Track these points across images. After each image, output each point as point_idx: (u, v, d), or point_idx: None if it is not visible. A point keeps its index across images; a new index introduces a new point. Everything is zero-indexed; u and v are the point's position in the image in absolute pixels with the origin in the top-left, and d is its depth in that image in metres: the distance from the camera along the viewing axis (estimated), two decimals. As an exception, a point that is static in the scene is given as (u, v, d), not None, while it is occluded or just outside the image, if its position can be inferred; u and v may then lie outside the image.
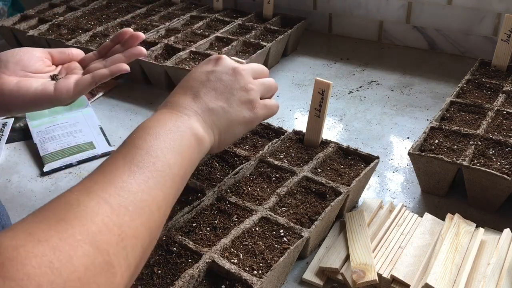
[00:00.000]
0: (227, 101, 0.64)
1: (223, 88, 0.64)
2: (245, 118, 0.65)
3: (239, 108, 0.65)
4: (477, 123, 0.90)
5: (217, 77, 0.65)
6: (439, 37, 1.32)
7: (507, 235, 0.71)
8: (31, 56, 0.74)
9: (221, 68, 0.66)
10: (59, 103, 0.71)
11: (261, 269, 0.64)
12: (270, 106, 0.70)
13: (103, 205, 0.45)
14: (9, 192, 0.91)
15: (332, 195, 0.75)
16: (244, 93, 0.65)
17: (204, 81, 0.64)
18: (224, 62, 0.67)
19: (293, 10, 1.48)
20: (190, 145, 0.57)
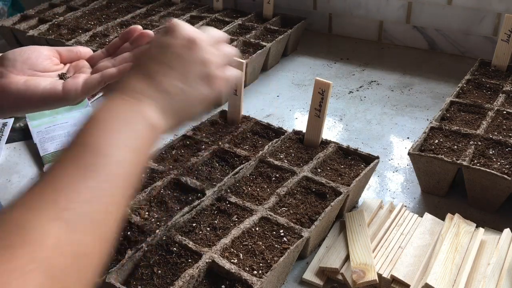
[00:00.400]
0: (184, 79, 0.57)
1: (180, 65, 0.57)
2: (204, 95, 0.59)
3: (198, 86, 0.58)
4: (477, 123, 0.90)
5: (173, 52, 0.57)
6: (439, 37, 1.32)
7: (507, 235, 0.71)
8: (39, 55, 0.72)
9: (176, 40, 0.58)
10: (67, 103, 0.70)
11: (261, 269, 0.64)
12: (230, 78, 0.62)
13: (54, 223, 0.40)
14: (9, 192, 0.91)
15: (332, 195, 0.75)
16: (201, 67, 0.58)
17: (158, 57, 0.58)
18: (179, 31, 0.59)
19: (293, 10, 1.48)
20: (144, 136, 0.52)
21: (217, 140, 0.88)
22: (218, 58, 0.60)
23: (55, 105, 0.70)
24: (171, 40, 0.58)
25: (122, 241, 0.68)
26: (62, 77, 0.72)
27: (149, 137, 0.53)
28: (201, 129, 0.92)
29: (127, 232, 0.69)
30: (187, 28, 0.59)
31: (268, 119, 1.08)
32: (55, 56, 0.74)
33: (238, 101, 0.92)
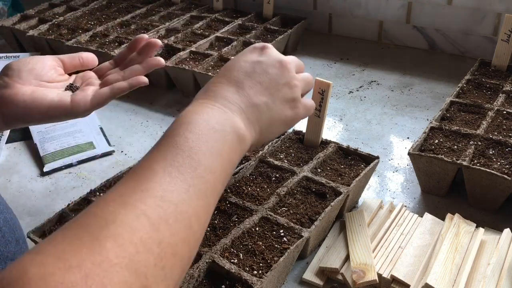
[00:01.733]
0: (271, 97, 0.58)
1: (269, 82, 0.58)
2: (286, 117, 0.60)
3: (282, 106, 0.59)
4: (477, 123, 0.90)
5: (263, 69, 0.59)
6: (439, 37, 1.32)
7: (507, 235, 0.71)
8: (43, 65, 0.70)
9: (267, 59, 0.60)
10: (75, 116, 0.68)
11: (261, 269, 0.64)
12: (310, 107, 0.64)
13: (141, 220, 0.40)
14: (9, 192, 0.91)
15: (332, 195, 0.75)
16: (288, 90, 0.60)
17: (250, 72, 0.58)
18: (270, 52, 0.61)
19: (293, 10, 1.48)
20: (232, 146, 0.52)
21: (217, 140, 0.88)
22: (300, 83, 0.62)
23: (62, 118, 0.68)
24: (262, 57, 0.60)
25: (122, 241, 0.68)
26: (71, 88, 0.70)
27: (236, 147, 0.53)
28: (201, 129, 0.92)
29: (127, 232, 0.69)
30: (276, 51, 0.62)
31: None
32: (58, 65, 0.73)
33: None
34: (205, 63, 1.16)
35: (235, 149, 0.53)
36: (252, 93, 0.57)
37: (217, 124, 0.51)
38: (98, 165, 0.98)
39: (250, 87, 0.57)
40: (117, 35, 1.32)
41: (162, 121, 1.11)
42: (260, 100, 0.57)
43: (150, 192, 0.42)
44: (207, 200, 0.47)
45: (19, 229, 0.69)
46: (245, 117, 0.55)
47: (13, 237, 0.65)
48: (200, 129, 0.50)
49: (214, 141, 0.50)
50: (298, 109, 0.61)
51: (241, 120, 0.54)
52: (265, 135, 0.59)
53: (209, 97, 0.55)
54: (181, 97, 1.19)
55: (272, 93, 0.58)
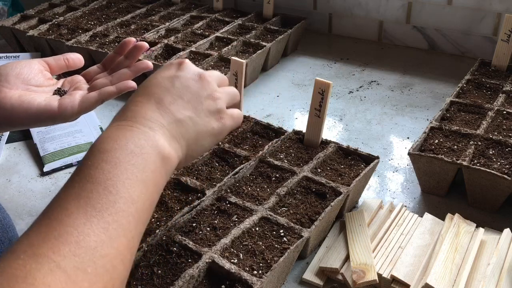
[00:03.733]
0: (195, 111, 0.57)
1: (190, 96, 0.57)
2: (213, 129, 0.59)
3: (207, 119, 0.58)
4: (477, 123, 0.90)
5: (182, 84, 0.57)
6: (439, 37, 1.32)
7: (507, 235, 0.71)
8: (30, 69, 0.70)
9: (186, 73, 0.59)
10: (62, 120, 0.67)
11: (261, 269, 0.64)
12: (237, 116, 0.63)
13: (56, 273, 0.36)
14: (9, 192, 0.91)
15: (332, 195, 0.75)
16: (211, 102, 0.59)
17: (169, 88, 0.56)
18: (188, 66, 0.60)
19: (293, 10, 1.48)
20: (156, 168, 0.49)
21: (217, 140, 0.88)
22: (224, 95, 0.61)
23: (49, 122, 0.68)
24: (180, 72, 0.58)
25: (122, 241, 0.68)
26: (59, 93, 0.70)
27: (160, 168, 0.50)
28: (201, 129, 0.92)
29: (127, 232, 0.69)
30: (194, 65, 0.61)
31: (268, 119, 1.08)
32: (45, 68, 0.72)
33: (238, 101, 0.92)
34: (205, 63, 1.16)
35: (159, 171, 0.50)
36: (174, 108, 0.55)
37: (137, 147, 0.48)
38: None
39: (171, 103, 0.55)
40: (117, 35, 1.32)
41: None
42: (183, 114, 0.55)
43: (63, 238, 0.39)
44: (131, 235, 0.43)
45: (12, 229, 0.69)
46: (169, 135, 0.53)
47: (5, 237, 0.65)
48: (116, 157, 0.46)
49: (134, 167, 0.46)
50: (224, 119, 0.60)
51: (164, 139, 0.52)
52: (193, 149, 0.57)
53: (127, 118, 0.52)
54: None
55: (195, 106, 0.57)
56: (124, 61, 0.73)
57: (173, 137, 0.53)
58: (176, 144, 0.54)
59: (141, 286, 0.63)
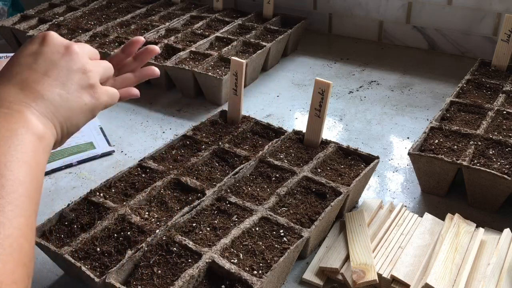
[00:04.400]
0: (64, 87, 0.53)
1: (57, 72, 0.53)
2: (87, 105, 0.55)
3: (79, 94, 0.54)
4: (477, 123, 0.90)
5: (47, 59, 0.53)
6: (439, 37, 1.32)
7: (507, 235, 0.71)
8: None
9: (50, 47, 0.54)
10: None
11: (261, 269, 0.64)
12: (113, 93, 0.61)
13: None
14: (9, 192, 0.91)
15: (332, 195, 0.75)
16: (82, 76, 0.55)
17: (31, 65, 0.53)
18: (53, 39, 0.55)
19: (293, 10, 1.48)
20: (34, 147, 0.48)
21: (217, 140, 0.88)
22: (96, 69, 0.57)
23: None
24: (43, 48, 0.54)
25: (122, 241, 0.68)
26: None
27: (37, 148, 0.49)
28: (201, 129, 0.92)
29: (127, 232, 0.69)
30: (59, 37, 0.56)
31: (268, 119, 1.08)
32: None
33: (238, 101, 0.92)
34: (205, 63, 1.16)
35: (38, 149, 0.49)
36: (40, 87, 0.52)
37: (9, 130, 0.47)
38: (98, 165, 0.98)
39: (35, 81, 0.52)
40: (117, 35, 1.32)
41: (162, 121, 1.11)
42: (50, 92, 0.52)
43: None
44: (27, 214, 0.44)
45: None
46: (38, 114, 0.51)
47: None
48: None
49: (13, 150, 0.46)
50: (98, 94, 0.57)
51: (34, 118, 0.50)
52: (68, 127, 0.55)
53: None
54: (181, 97, 1.19)
55: (64, 82, 0.53)
56: (131, 63, 0.70)
57: (44, 116, 0.51)
58: (48, 123, 0.51)
59: (141, 286, 0.63)
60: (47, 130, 0.51)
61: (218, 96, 1.13)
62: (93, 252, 0.67)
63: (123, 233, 0.69)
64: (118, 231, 0.70)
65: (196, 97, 1.18)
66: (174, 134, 1.04)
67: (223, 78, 1.08)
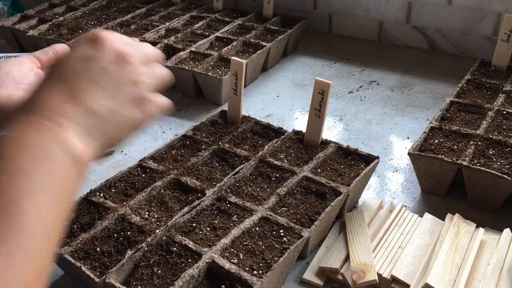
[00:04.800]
0: (113, 99, 0.49)
1: (109, 81, 0.49)
2: (135, 120, 0.51)
3: (127, 107, 0.50)
4: (477, 123, 0.90)
5: (100, 66, 0.49)
6: (439, 37, 1.32)
7: (507, 235, 0.71)
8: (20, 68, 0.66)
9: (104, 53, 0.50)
10: None
11: (261, 269, 0.64)
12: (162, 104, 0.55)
13: None
14: (9, 192, 0.91)
15: (332, 195, 0.75)
16: (134, 88, 0.51)
17: (83, 72, 0.49)
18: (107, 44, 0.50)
19: (293, 10, 1.48)
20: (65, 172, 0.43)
21: (217, 140, 0.88)
22: (149, 79, 0.52)
23: None
24: (97, 52, 0.50)
25: (122, 241, 0.68)
26: None
27: (72, 173, 0.44)
28: (201, 129, 0.92)
29: (127, 232, 0.69)
30: (117, 41, 0.51)
31: (268, 119, 1.08)
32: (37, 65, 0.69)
33: (238, 101, 0.92)
34: (205, 63, 1.16)
35: (70, 174, 0.43)
36: (88, 97, 0.47)
37: (43, 150, 0.42)
38: (98, 165, 0.98)
39: (85, 91, 0.47)
40: (117, 35, 1.32)
41: (162, 121, 1.11)
42: (98, 104, 0.48)
43: None
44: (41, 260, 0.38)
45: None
46: (82, 129, 0.46)
47: None
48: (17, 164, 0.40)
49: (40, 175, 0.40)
50: (148, 108, 0.52)
51: (75, 135, 0.45)
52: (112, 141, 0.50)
53: (33, 110, 0.45)
54: (181, 97, 1.19)
55: (114, 94, 0.49)
56: None
57: (87, 132, 0.47)
58: (90, 140, 0.47)
59: (141, 286, 0.63)
60: (87, 150, 0.46)
61: (218, 96, 1.13)
62: (93, 252, 0.67)
63: (123, 233, 0.69)
64: (118, 231, 0.70)
65: (196, 97, 1.18)
66: (174, 134, 1.04)
67: (223, 78, 1.08)
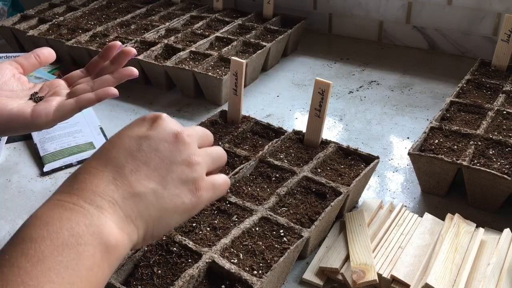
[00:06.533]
0: (162, 181, 0.45)
1: (159, 162, 0.46)
2: (185, 204, 0.46)
3: (177, 191, 0.46)
4: (477, 123, 0.90)
5: (152, 146, 0.46)
6: (439, 37, 1.32)
7: (507, 235, 0.71)
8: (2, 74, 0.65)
9: (158, 133, 0.47)
10: (36, 128, 0.61)
11: (261, 269, 0.64)
12: (219, 186, 0.50)
13: None
14: (9, 192, 0.91)
15: (332, 195, 0.75)
16: (186, 169, 0.47)
17: (133, 151, 0.46)
18: (163, 124, 0.48)
19: (293, 10, 1.48)
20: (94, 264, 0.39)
21: (217, 140, 0.88)
22: (204, 159, 0.49)
23: (22, 130, 0.62)
24: (152, 131, 0.47)
25: (122, 241, 0.68)
26: (34, 98, 0.65)
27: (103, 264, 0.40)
28: (201, 129, 0.92)
29: (127, 232, 0.69)
30: (172, 121, 0.49)
31: (268, 119, 1.08)
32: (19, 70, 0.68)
33: (238, 101, 0.92)
34: (205, 63, 1.16)
35: (99, 266, 0.39)
36: (134, 179, 0.44)
37: (72, 236, 0.38)
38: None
39: (132, 171, 0.44)
40: (117, 35, 1.32)
41: (162, 121, 1.11)
42: (145, 187, 0.44)
43: None
44: None
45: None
46: (122, 215, 0.43)
47: None
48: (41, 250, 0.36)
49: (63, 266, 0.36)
50: (201, 191, 0.48)
51: (113, 221, 0.42)
52: (156, 229, 0.46)
53: (72, 190, 0.43)
54: (181, 97, 1.19)
55: (163, 175, 0.45)
56: (109, 67, 0.68)
57: (128, 217, 0.43)
58: (130, 226, 0.43)
59: (141, 286, 0.63)
60: (124, 237, 0.42)
61: (218, 96, 1.13)
62: (93, 252, 0.67)
63: (123, 233, 0.69)
64: None
65: (196, 97, 1.18)
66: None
67: (223, 78, 1.08)
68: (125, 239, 0.42)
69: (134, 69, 0.67)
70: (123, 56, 0.67)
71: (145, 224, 0.44)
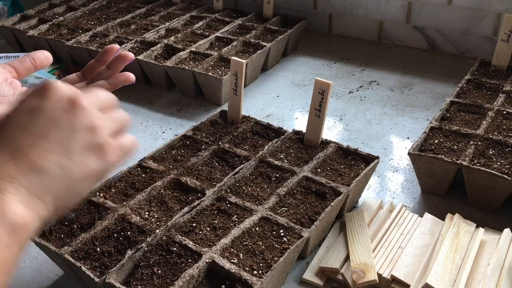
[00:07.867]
0: (64, 152, 0.44)
1: (58, 133, 0.44)
2: (93, 170, 0.45)
3: (83, 159, 0.44)
4: (477, 123, 0.90)
5: (48, 117, 0.44)
6: (439, 37, 1.32)
7: (507, 235, 0.71)
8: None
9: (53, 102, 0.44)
10: None
11: (261, 269, 0.64)
12: (127, 147, 0.49)
13: None
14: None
15: (332, 195, 0.75)
16: (89, 135, 0.45)
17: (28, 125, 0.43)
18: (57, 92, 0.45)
19: (293, 10, 1.48)
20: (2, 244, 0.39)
21: (217, 140, 0.88)
22: (107, 123, 0.47)
23: None
24: (44, 102, 0.44)
25: (122, 241, 0.68)
26: None
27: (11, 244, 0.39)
28: (201, 129, 0.92)
29: (127, 232, 0.69)
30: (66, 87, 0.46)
31: (268, 119, 1.08)
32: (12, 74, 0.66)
33: (238, 101, 0.92)
34: (205, 63, 1.16)
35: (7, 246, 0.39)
36: (34, 154, 0.42)
37: None
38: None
39: (30, 147, 0.42)
40: (117, 35, 1.32)
41: (162, 121, 1.11)
42: (47, 161, 0.42)
43: None
44: None
45: None
46: (25, 192, 0.41)
47: None
48: None
49: None
50: (108, 155, 0.46)
51: (16, 200, 0.40)
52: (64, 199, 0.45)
53: None
54: (181, 97, 1.19)
55: (65, 146, 0.44)
56: (105, 71, 0.66)
57: (33, 194, 0.42)
58: (36, 202, 0.42)
59: (141, 286, 0.63)
60: (32, 214, 0.41)
61: (218, 96, 1.13)
62: (93, 252, 0.67)
63: (123, 233, 0.69)
64: (118, 231, 0.70)
65: (196, 97, 1.18)
66: (174, 134, 1.04)
67: (223, 78, 1.08)
68: (33, 216, 0.41)
69: (131, 74, 0.66)
70: (120, 61, 0.66)
71: (53, 198, 0.43)
